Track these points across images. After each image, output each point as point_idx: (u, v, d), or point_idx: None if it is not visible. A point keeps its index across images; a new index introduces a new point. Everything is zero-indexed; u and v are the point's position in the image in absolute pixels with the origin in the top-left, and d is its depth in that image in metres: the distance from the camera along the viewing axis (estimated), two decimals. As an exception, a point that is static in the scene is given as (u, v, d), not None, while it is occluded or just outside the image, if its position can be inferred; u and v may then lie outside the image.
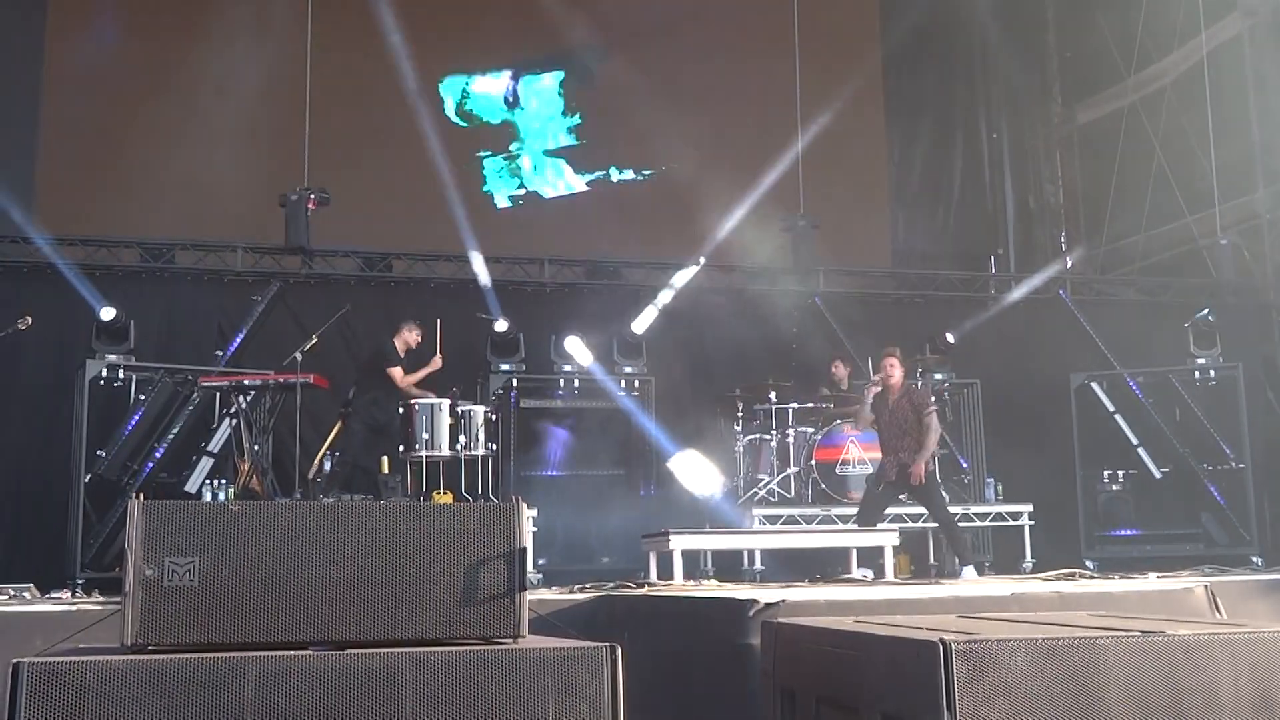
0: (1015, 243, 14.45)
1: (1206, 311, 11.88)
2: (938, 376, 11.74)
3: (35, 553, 10.15)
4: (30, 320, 8.99)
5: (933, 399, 9.79)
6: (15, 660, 2.98)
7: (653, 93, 13.12)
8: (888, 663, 3.50)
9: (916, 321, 12.94)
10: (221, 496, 9.79)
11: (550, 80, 13.61)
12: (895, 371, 9.44)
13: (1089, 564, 10.53)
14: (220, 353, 11.17)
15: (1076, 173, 14.69)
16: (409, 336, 10.71)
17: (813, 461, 10.46)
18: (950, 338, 12.10)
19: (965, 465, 11.91)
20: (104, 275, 11.24)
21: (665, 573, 8.43)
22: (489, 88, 13.48)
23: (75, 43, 11.59)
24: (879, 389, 9.48)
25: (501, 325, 11.44)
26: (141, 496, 3.44)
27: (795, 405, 10.91)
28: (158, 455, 10.27)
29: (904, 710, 3.36)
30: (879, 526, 9.45)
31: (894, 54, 14.06)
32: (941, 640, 3.22)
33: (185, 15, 11.94)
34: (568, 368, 11.56)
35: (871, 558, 9.70)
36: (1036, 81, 14.76)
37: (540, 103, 13.52)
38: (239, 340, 11.38)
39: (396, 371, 10.49)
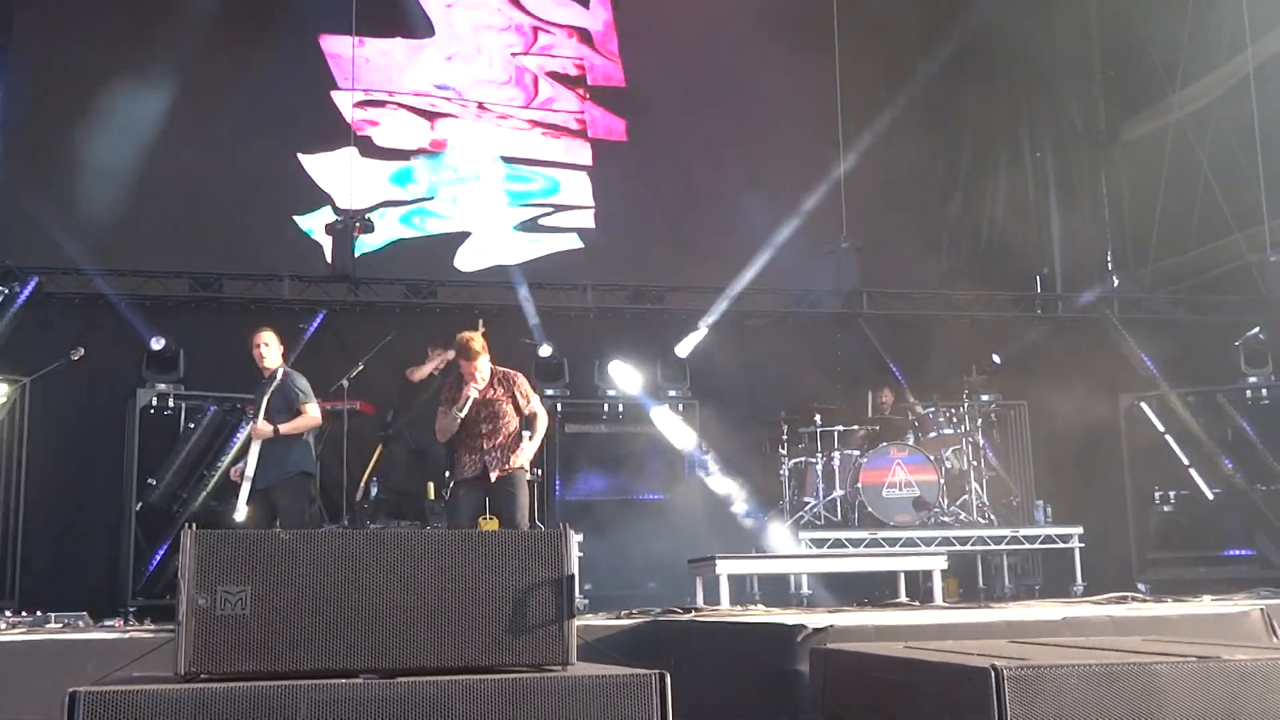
0: (1061, 262, 14.32)
1: (1258, 330, 11.73)
2: (984, 398, 11.65)
3: (87, 581, 10.27)
4: (82, 351, 9.13)
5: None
6: (72, 690, 3.02)
7: (693, 116, 13.18)
8: (939, 689, 3.47)
9: (962, 343, 12.86)
10: (271, 524, 9.86)
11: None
12: (481, 372, 7.96)
13: (1141, 587, 10.40)
14: (268, 381, 11.27)
15: (1122, 191, 14.55)
16: (435, 359, 10.73)
17: (859, 484, 10.38)
18: (997, 359, 11.99)
19: (1014, 487, 11.81)
20: (154, 306, 11.41)
21: (712, 598, 8.40)
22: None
23: (121, 81, 11.78)
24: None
25: (545, 350, 11.51)
26: (194, 526, 3.47)
27: (840, 428, 10.86)
28: (207, 483, 10.39)
29: (956, 737, 3.33)
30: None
31: (937, 74, 14.01)
32: (993, 666, 3.19)
33: (230, 47, 12.11)
34: (612, 392, 11.62)
35: (919, 582, 9.66)
36: (1080, 99, 14.66)
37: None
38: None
39: (411, 370, 10.57)
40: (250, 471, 7.89)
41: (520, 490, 7.90)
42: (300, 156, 12.43)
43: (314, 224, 12.26)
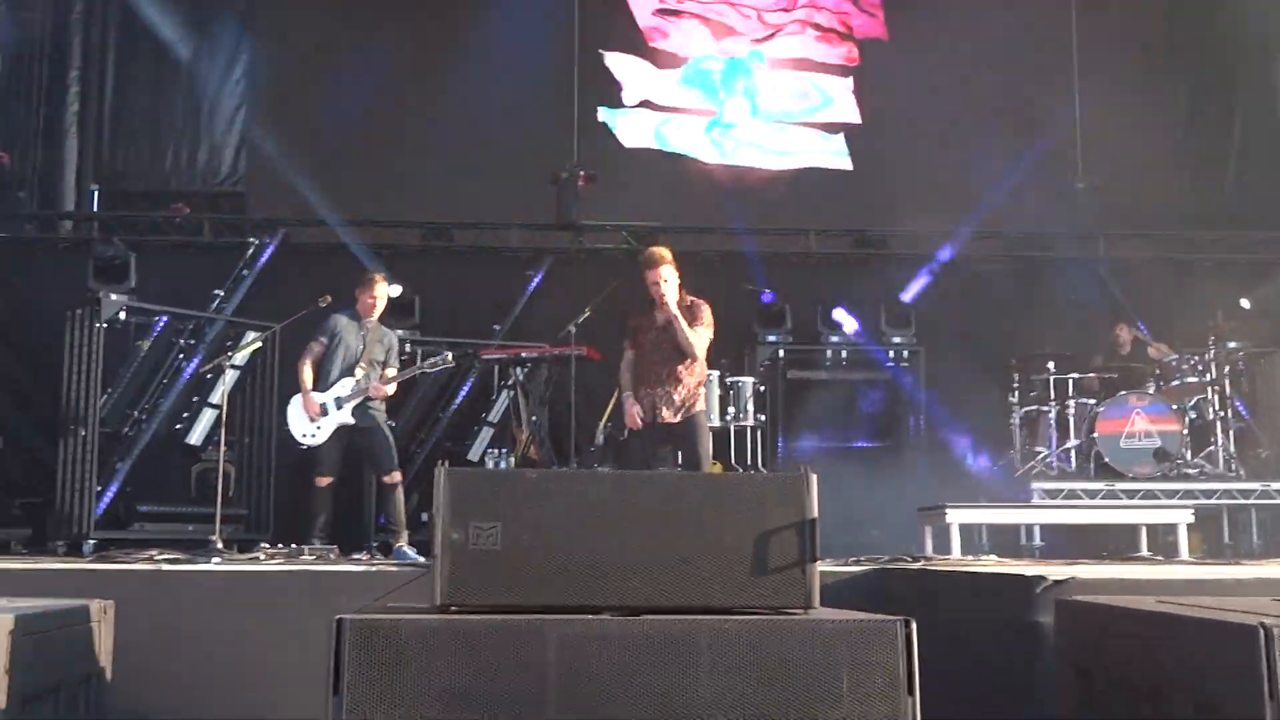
0: (1318, 199, 13.38)
1: None
2: (1232, 345, 11.01)
3: (335, 515, 10.81)
4: (330, 299, 9.56)
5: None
6: (339, 616, 3.19)
7: (920, 55, 12.80)
8: (1198, 646, 3.32)
9: (1207, 286, 12.19)
10: (502, 464, 10.19)
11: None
12: (669, 281, 7.40)
13: None
14: (498, 326, 11.62)
15: (1385, 119, 13.46)
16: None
17: (1095, 434, 10.00)
18: (1245, 303, 11.35)
19: (1264, 439, 11.16)
20: (390, 254, 11.88)
21: (940, 547, 8.28)
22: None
23: (360, 39, 12.25)
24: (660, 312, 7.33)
25: (768, 296, 11.47)
26: (447, 463, 3.60)
27: (1075, 375, 10.47)
28: (442, 424, 10.82)
29: (1217, 697, 3.19)
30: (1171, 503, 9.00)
31: (1176, 4, 13.25)
32: (1262, 624, 3.03)
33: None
34: (835, 338, 11.51)
35: (1159, 536, 9.27)
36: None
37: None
38: (515, 314, 11.83)
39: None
40: (348, 414, 8.60)
41: (702, 434, 7.35)
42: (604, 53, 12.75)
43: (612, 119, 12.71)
